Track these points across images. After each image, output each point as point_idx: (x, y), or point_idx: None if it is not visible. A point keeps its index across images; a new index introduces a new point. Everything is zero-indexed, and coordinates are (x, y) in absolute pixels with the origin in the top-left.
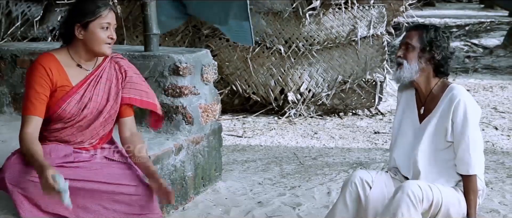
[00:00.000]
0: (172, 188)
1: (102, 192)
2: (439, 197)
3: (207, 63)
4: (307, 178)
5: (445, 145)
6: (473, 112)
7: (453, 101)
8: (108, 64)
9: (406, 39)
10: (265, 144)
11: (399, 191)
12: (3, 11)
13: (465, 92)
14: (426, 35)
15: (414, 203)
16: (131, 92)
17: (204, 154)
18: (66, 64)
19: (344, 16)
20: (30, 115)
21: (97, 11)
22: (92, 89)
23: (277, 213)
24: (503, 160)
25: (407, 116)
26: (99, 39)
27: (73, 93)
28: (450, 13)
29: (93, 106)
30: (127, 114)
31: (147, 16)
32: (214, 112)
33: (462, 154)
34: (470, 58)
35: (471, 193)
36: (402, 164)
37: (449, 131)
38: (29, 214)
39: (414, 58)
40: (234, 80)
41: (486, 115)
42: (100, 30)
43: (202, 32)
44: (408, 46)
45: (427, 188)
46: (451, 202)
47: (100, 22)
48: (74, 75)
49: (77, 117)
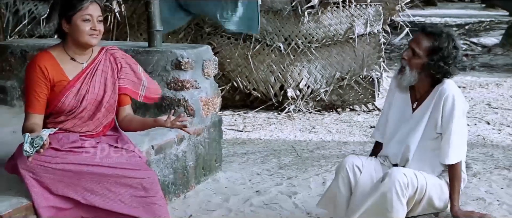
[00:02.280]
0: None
1: (107, 175)
2: (423, 183)
3: (208, 58)
4: (303, 169)
5: (434, 136)
6: (459, 107)
7: (442, 95)
8: (103, 57)
9: (414, 43)
10: (264, 138)
11: (386, 178)
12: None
13: (455, 86)
14: (437, 45)
15: (401, 190)
16: (125, 82)
17: (205, 145)
18: (61, 60)
19: (342, 15)
20: (31, 112)
21: (78, 5)
22: (88, 82)
23: (274, 201)
24: (492, 152)
25: (401, 107)
26: (82, 31)
27: (70, 87)
28: (451, 12)
29: (91, 97)
30: (125, 102)
31: (151, 14)
32: (214, 105)
33: (443, 145)
34: (468, 56)
35: (454, 179)
36: (393, 152)
37: (439, 123)
38: (40, 196)
39: (417, 67)
40: (235, 77)
41: (479, 110)
42: (82, 22)
43: (204, 29)
44: (414, 52)
45: (412, 175)
46: (434, 189)
47: (82, 14)
48: (70, 69)
49: (77, 109)
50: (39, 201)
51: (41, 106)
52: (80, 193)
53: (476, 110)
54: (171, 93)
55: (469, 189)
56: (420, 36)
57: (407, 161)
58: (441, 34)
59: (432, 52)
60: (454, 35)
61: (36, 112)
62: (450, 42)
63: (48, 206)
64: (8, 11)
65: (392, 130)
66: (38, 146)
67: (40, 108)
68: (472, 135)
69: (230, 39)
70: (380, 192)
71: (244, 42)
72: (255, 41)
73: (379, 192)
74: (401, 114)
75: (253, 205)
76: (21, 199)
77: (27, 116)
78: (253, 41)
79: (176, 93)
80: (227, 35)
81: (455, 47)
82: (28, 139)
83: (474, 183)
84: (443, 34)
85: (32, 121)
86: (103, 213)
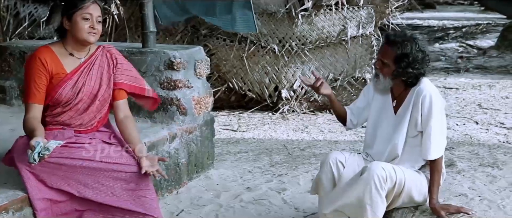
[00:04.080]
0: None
1: (100, 170)
2: (402, 177)
3: (200, 59)
4: (294, 167)
5: (415, 133)
6: (437, 104)
7: (420, 95)
8: (100, 53)
9: (381, 55)
10: (258, 137)
11: (365, 172)
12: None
13: (431, 85)
14: (401, 52)
15: (379, 183)
16: (122, 77)
17: (197, 143)
18: (60, 54)
19: (334, 17)
20: (31, 102)
21: (79, 3)
22: (85, 75)
23: (263, 197)
24: (478, 151)
25: (381, 108)
26: (81, 28)
27: (68, 79)
28: (450, 15)
29: (87, 90)
30: (120, 97)
31: (145, 15)
32: (206, 104)
33: (424, 142)
34: (462, 59)
35: (435, 173)
36: (377, 150)
37: (419, 122)
38: (35, 189)
39: (388, 74)
40: (230, 78)
41: (469, 111)
42: (82, 20)
43: (201, 32)
44: (383, 62)
45: (391, 169)
46: (414, 183)
47: (82, 12)
48: (68, 63)
49: (73, 101)
50: (34, 194)
51: (41, 97)
52: (73, 186)
53: (466, 111)
54: (164, 92)
55: (453, 186)
56: (385, 46)
57: (395, 158)
58: (403, 41)
59: (399, 59)
60: (417, 38)
61: (36, 102)
62: (413, 47)
63: (43, 198)
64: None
65: (372, 130)
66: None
67: (40, 98)
68: (460, 134)
69: (226, 41)
70: (359, 185)
71: (239, 44)
72: (250, 43)
73: (358, 186)
74: (383, 114)
75: (243, 201)
76: (17, 191)
77: (28, 107)
78: (248, 43)
79: (169, 92)
80: (223, 37)
81: (420, 50)
82: (39, 149)
83: (458, 180)
84: (405, 41)
85: (32, 113)
86: (96, 206)
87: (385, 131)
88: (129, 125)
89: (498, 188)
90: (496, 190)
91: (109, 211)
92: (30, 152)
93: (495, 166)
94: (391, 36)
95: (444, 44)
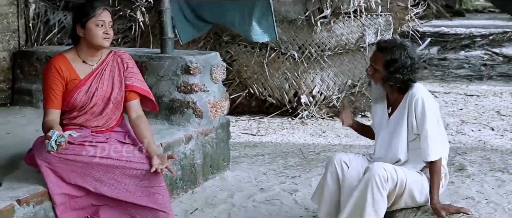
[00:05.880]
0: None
1: (115, 167)
2: (403, 178)
3: (216, 64)
4: (307, 169)
5: (413, 137)
6: (430, 107)
7: (412, 99)
8: (111, 59)
9: (372, 60)
10: (275, 141)
11: (367, 173)
12: (41, 19)
13: (423, 89)
14: (390, 58)
15: (381, 182)
16: (132, 80)
17: (212, 145)
18: (74, 61)
19: (353, 24)
20: (49, 108)
21: (92, 11)
22: (98, 81)
23: (275, 198)
24: (490, 156)
25: (380, 115)
26: (96, 35)
27: (81, 85)
28: (478, 23)
29: (100, 94)
30: (132, 98)
31: (163, 22)
32: (222, 107)
33: (422, 144)
34: (486, 66)
35: (434, 174)
36: (378, 156)
37: (414, 125)
38: (54, 184)
39: (379, 80)
40: (251, 84)
41: (487, 117)
42: (95, 27)
43: (223, 38)
44: (374, 68)
45: (392, 169)
46: (415, 184)
47: (95, 20)
48: (82, 70)
49: (88, 105)
50: (53, 189)
51: (57, 102)
52: (90, 183)
53: (483, 117)
54: (181, 96)
55: (461, 189)
56: (376, 52)
57: (397, 162)
58: (392, 47)
59: (388, 65)
60: (407, 45)
61: (53, 107)
62: (402, 53)
63: (62, 193)
64: (39, 20)
65: (375, 137)
66: (59, 143)
67: (57, 103)
68: (474, 140)
69: (247, 48)
70: (361, 185)
71: (260, 51)
72: (271, 50)
73: (360, 185)
74: (382, 121)
75: (255, 201)
76: (38, 186)
77: (46, 112)
78: (268, 49)
79: (185, 96)
80: (244, 44)
81: (409, 57)
82: (55, 137)
83: (466, 184)
84: (395, 47)
85: (50, 116)
86: (111, 201)
87: (384, 137)
88: (141, 125)
89: (505, 192)
90: (503, 194)
91: (124, 206)
92: (47, 142)
93: (505, 171)
94: (381, 43)
95: (470, 51)
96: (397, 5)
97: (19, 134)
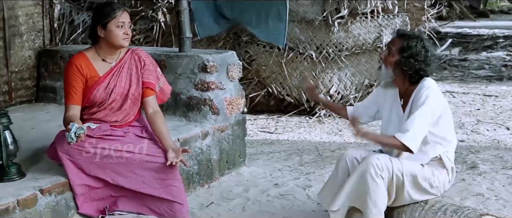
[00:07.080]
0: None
1: (133, 160)
2: (399, 166)
3: (232, 63)
4: (322, 166)
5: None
6: (432, 101)
7: (421, 89)
8: (129, 56)
9: (390, 43)
10: (292, 139)
11: (363, 163)
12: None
13: (433, 84)
14: (406, 44)
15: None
16: (149, 77)
17: (228, 141)
18: (93, 59)
19: (370, 25)
20: (70, 104)
21: (112, 13)
22: (116, 78)
23: (289, 193)
24: (503, 154)
25: (394, 108)
26: (116, 35)
27: (101, 82)
28: (502, 24)
29: (118, 91)
30: (148, 94)
31: (181, 22)
32: (238, 105)
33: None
34: (506, 67)
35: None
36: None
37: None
38: (75, 175)
39: (391, 65)
40: (270, 83)
41: (503, 117)
42: (116, 28)
43: (242, 38)
44: (390, 50)
45: (386, 159)
46: (415, 171)
47: (116, 21)
48: (101, 67)
49: (107, 101)
50: (74, 179)
51: (78, 98)
52: (109, 175)
53: (500, 117)
54: (198, 93)
55: (472, 186)
56: (395, 38)
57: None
58: (411, 36)
59: (403, 50)
60: (425, 39)
61: (74, 103)
62: (419, 43)
63: (82, 184)
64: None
65: (384, 131)
66: (78, 135)
67: (78, 99)
68: (488, 139)
69: (266, 48)
70: (356, 175)
71: (279, 50)
72: (289, 50)
73: (355, 175)
74: (393, 113)
75: (269, 196)
76: (59, 177)
77: (67, 107)
78: (286, 49)
79: (202, 93)
80: (263, 44)
81: (425, 48)
82: (74, 129)
83: (477, 181)
84: (413, 36)
85: (71, 112)
86: (129, 192)
87: (394, 129)
88: (157, 120)
89: None
90: None
91: (141, 198)
92: (67, 134)
93: None
94: (401, 30)
95: (492, 52)
96: (413, 5)
97: (43, 129)
